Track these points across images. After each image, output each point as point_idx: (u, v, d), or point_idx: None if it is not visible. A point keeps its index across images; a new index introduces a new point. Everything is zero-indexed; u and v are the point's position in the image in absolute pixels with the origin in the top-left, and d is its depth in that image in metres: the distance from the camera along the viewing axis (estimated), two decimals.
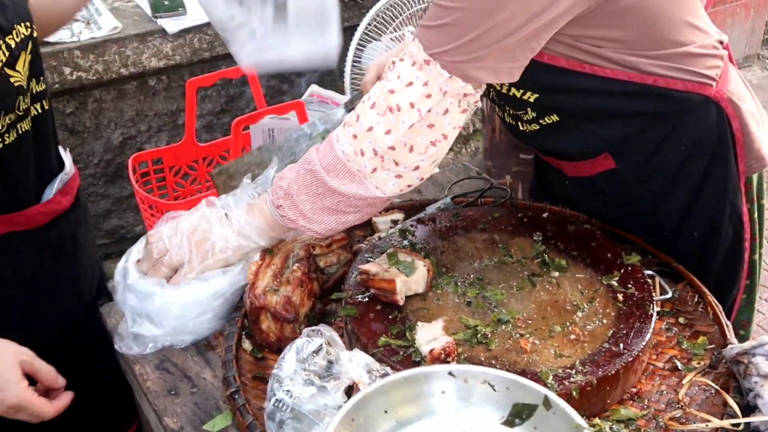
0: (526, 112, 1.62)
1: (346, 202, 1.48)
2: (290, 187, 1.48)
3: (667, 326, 1.57)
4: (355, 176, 1.45)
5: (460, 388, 1.07)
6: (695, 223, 1.71)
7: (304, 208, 1.49)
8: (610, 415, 1.37)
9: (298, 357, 1.33)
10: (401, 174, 1.47)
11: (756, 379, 1.36)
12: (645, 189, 1.68)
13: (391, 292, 1.49)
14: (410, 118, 1.40)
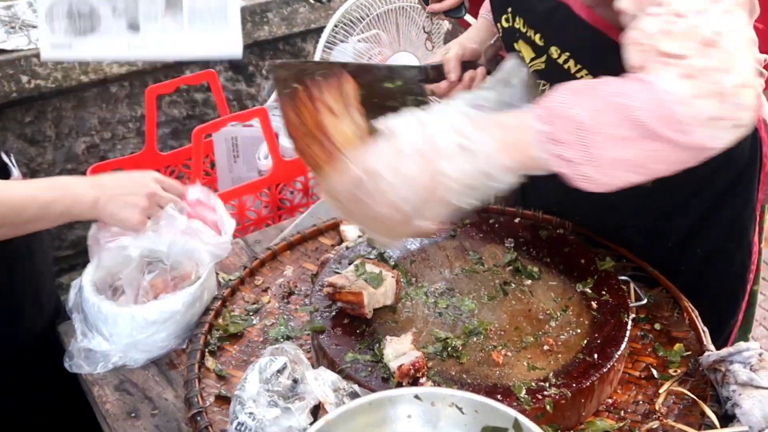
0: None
1: (659, 156, 1.15)
2: (585, 118, 1.13)
3: (643, 333, 1.53)
4: (683, 125, 1.12)
5: (426, 411, 1.03)
6: (703, 240, 1.67)
7: (595, 151, 1.13)
8: (585, 428, 1.33)
9: (262, 377, 1.27)
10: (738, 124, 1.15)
11: (734, 388, 1.33)
12: (662, 197, 1.60)
13: (359, 306, 1.44)
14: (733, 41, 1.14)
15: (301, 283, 1.70)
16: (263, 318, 1.60)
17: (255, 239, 1.90)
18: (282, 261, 1.76)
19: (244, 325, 1.58)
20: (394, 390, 1.06)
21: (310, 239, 1.82)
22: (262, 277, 1.71)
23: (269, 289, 1.68)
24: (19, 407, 1.72)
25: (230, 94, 3.20)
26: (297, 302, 1.64)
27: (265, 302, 1.65)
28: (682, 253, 1.69)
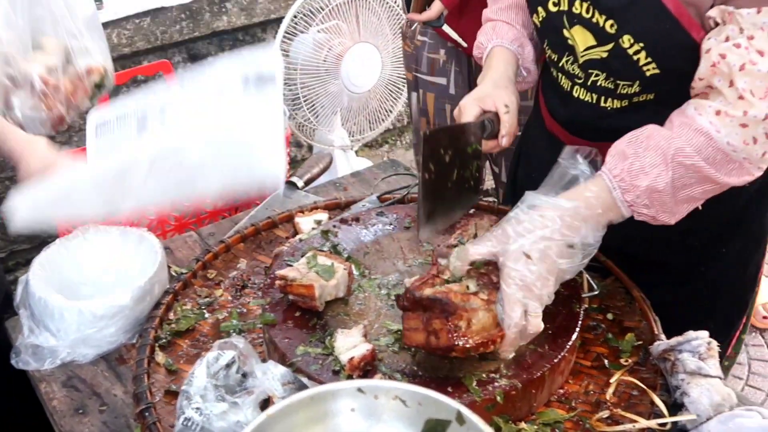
0: (632, 84, 1.50)
1: (716, 189, 1.39)
2: (662, 184, 1.35)
3: (595, 323, 1.53)
4: (736, 164, 1.35)
5: (370, 404, 1.02)
6: (728, 242, 1.68)
7: (670, 202, 1.37)
8: (536, 419, 1.33)
9: (209, 371, 1.26)
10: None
11: (683, 377, 1.33)
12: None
13: (310, 298, 1.43)
14: None
15: (254, 276, 1.68)
16: (216, 312, 1.58)
17: (209, 232, 1.88)
18: (235, 254, 1.75)
19: (195, 319, 1.56)
20: (337, 383, 1.05)
21: (265, 231, 1.81)
22: (215, 271, 1.69)
23: (222, 282, 1.67)
24: None
25: None
26: (250, 295, 1.63)
27: (218, 296, 1.63)
28: (706, 253, 1.69)
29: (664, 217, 1.39)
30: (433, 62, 2.43)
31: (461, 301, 1.30)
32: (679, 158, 1.34)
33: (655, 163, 1.35)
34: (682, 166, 1.34)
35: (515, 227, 1.35)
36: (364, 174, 2.08)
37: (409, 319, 1.32)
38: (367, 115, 3.22)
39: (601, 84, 1.53)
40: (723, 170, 1.35)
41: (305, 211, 1.83)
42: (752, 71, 1.30)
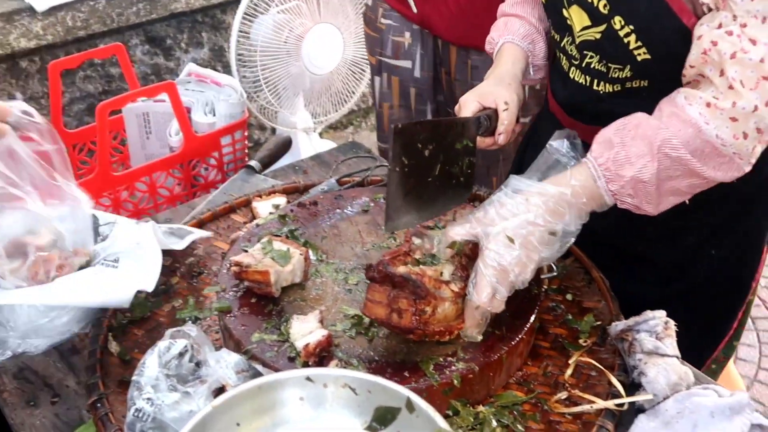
0: (623, 68, 1.48)
1: (703, 184, 1.37)
2: (647, 175, 1.33)
3: (554, 304, 1.53)
4: (726, 158, 1.33)
5: (319, 393, 1.00)
6: (721, 243, 1.66)
7: (654, 193, 1.35)
8: (494, 401, 1.33)
9: (161, 361, 1.23)
10: (767, 140, 1.35)
11: (640, 356, 1.33)
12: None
13: (266, 284, 1.41)
14: None
15: (211, 263, 1.65)
16: (171, 299, 1.56)
17: (166, 218, 1.85)
18: (192, 240, 1.71)
19: (151, 307, 1.53)
20: (284, 372, 1.03)
21: (222, 217, 1.78)
22: (171, 257, 1.66)
23: (178, 269, 1.64)
24: None
25: (148, 69, 3.11)
26: (206, 282, 1.60)
27: (174, 283, 1.60)
28: (697, 254, 1.68)
29: (648, 208, 1.38)
30: (398, 45, 2.40)
31: (433, 287, 1.29)
32: (666, 149, 1.32)
33: (641, 153, 1.33)
34: (668, 158, 1.32)
35: (498, 210, 1.34)
36: (324, 157, 2.05)
37: (375, 291, 1.31)
38: (330, 97, 3.19)
39: (594, 66, 1.52)
40: (710, 164, 1.33)
41: (263, 196, 1.80)
42: (743, 60, 1.27)
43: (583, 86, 1.56)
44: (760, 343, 3.24)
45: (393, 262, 1.31)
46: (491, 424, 1.28)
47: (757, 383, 3.07)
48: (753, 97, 1.28)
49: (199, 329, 1.30)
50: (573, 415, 1.30)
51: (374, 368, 1.28)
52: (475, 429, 1.27)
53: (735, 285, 1.74)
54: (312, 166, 2.01)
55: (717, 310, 1.75)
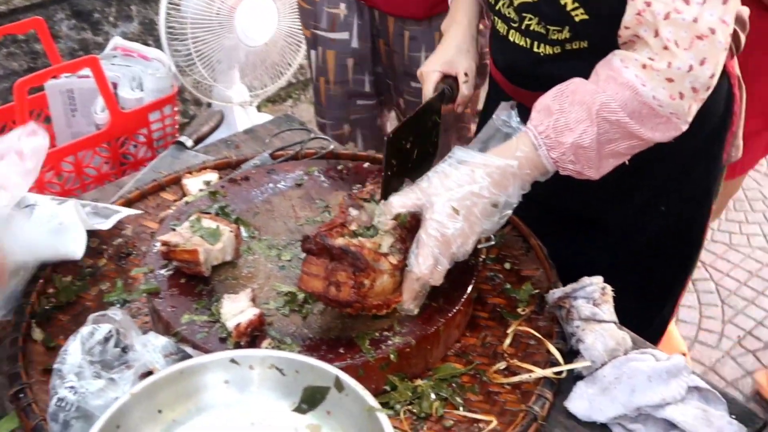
0: (561, 30, 1.45)
1: (642, 145, 1.36)
2: (587, 141, 1.32)
3: (493, 274, 1.51)
4: (663, 118, 1.32)
5: (245, 375, 0.96)
6: (669, 200, 1.65)
7: (595, 157, 1.34)
8: (433, 374, 1.30)
9: (84, 347, 1.18)
10: (704, 99, 1.35)
11: (578, 323, 1.32)
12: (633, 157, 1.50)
13: (195, 264, 1.36)
14: (724, 33, 1.29)
15: (140, 243, 1.60)
16: (99, 282, 1.50)
17: (93, 198, 1.78)
18: (120, 220, 1.65)
19: (77, 291, 1.47)
20: (208, 355, 0.99)
21: (151, 195, 1.72)
22: (98, 239, 1.60)
23: (106, 250, 1.58)
24: None
25: (76, 44, 3.00)
26: (136, 263, 1.54)
27: (101, 265, 1.54)
28: (645, 212, 1.67)
29: (590, 173, 1.36)
30: (333, 17, 2.34)
31: (373, 259, 1.26)
32: (604, 113, 1.31)
33: (580, 118, 1.32)
34: (607, 122, 1.31)
35: (443, 181, 1.32)
36: (257, 130, 2.00)
37: (312, 263, 1.27)
38: (267, 69, 3.11)
39: (533, 28, 1.49)
40: (648, 125, 1.32)
41: (193, 172, 1.74)
42: (677, 20, 1.27)
43: (523, 48, 1.53)
44: (701, 304, 3.29)
45: (330, 234, 1.28)
46: (430, 397, 1.26)
47: (697, 344, 3.11)
48: (687, 57, 1.27)
49: (125, 313, 1.25)
50: (512, 385, 1.29)
51: (309, 346, 1.25)
52: (413, 403, 1.25)
53: (687, 239, 1.74)
54: (245, 141, 1.95)
55: (672, 265, 1.76)
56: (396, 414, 1.23)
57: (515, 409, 1.25)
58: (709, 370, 2.98)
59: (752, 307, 3.26)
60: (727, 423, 1.20)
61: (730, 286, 3.37)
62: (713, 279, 3.41)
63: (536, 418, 1.22)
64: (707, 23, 1.27)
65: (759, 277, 3.41)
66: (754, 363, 3.01)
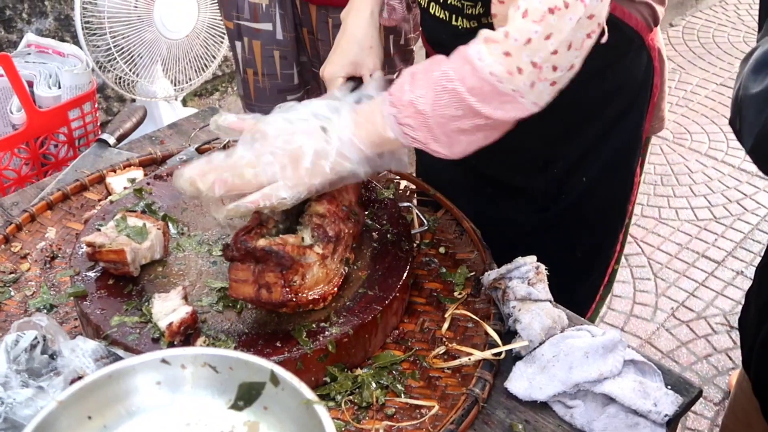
0: (474, 5, 1.43)
1: (491, 125, 1.26)
2: (423, 104, 1.23)
3: (428, 259, 1.50)
4: (508, 96, 1.23)
5: (177, 375, 0.93)
6: (588, 168, 1.65)
7: (436, 128, 1.25)
8: (373, 363, 1.29)
9: (9, 356, 1.13)
10: (556, 80, 1.26)
11: (514, 304, 1.33)
12: (552, 124, 1.47)
13: (122, 263, 1.32)
14: (576, 11, 1.21)
15: (66, 245, 1.54)
16: (23, 288, 1.44)
17: (12, 201, 1.71)
18: (43, 223, 1.60)
19: (0, 299, 1.42)
20: (136, 357, 0.96)
21: (74, 196, 1.66)
22: (20, 243, 1.54)
23: (29, 255, 1.52)
24: None
25: None
26: (61, 266, 1.49)
27: (24, 270, 1.49)
28: (566, 181, 1.67)
29: (437, 147, 1.27)
30: (255, 7, 2.29)
31: (297, 254, 1.24)
32: (443, 82, 1.23)
33: (422, 84, 1.25)
34: (446, 91, 1.23)
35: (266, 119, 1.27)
36: (182, 125, 1.95)
37: (238, 270, 1.24)
38: (190, 62, 3.04)
39: (451, 2, 1.48)
40: (492, 103, 1.24)
41: (117, 170, 1.69)
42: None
43: (443, 21, 1.52)
44: (634, 278, 3.36)
45: (250, 237, 1.24)
46: (371, 386, 1.25)
47: (633, 317, 3.18)
48: (529, 28, 1.21)
49: (50, 318, 1.20)
50: (452, 369, 1.29)
51: (244, 342, 1.22)
52: (354, 393, 1.24)
53: (611, 210, 1.76)
54: (169, 136, 1.91)
55: (596, 235, 1.78)
56: (337, 405, 1.22)
57: (456, 393, 1.25)
58: (645, 343, 3.04)
59: (683, 279, 3.34)
60: (664, 394, 1.22)
61: (662, 259, 3.45)
62: (645, 253, 3.49)
63: (477, 401, 1.22)
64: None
65: (689, 249, 3.50)
66: (688, 333, 3.08)
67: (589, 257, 1.80)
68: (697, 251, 3.49)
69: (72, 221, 1.60)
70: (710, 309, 3.20)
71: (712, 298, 3.25)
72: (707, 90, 4.65)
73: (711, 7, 5.62)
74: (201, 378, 0.93)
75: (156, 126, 2.47)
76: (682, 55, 5.03)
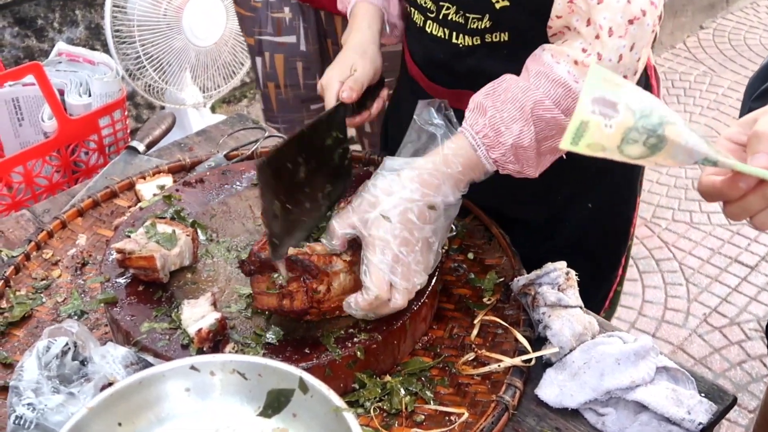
0: (481, 18, 1.41)
1: None
2: (526, 140, 1.28)
3: (456, 264, 1.49)
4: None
5: (206, 382, 0.93)
6: (594, 195, 1.65)
7: (533, 159, 1.31)
8: (401, 369, 1.29)
9: (41, 362, 1.14)
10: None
11: (544, 310, 1.31)
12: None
13: (152, 270, 1.32)
14: (653, 15, 1.26)
15: (96, 252, 1.55)
16: (54, 294, 1.46)
17: (44, 209, 1.73)
18: (73, 229, 1.61)
19: (31, 305, 1.43)
20: (166, 363, 0.96)
21: (104, 202, 1.67)
22: (52, 250, 1.56)
23: (60, 261, 1.53)
24: None
25: (21, 52, 2.93)
26: (91, 273, 1.50)
27: (56, 277, 1.50)
28: (570, 207, 1.66)
29: (529, 171, 1.33)
30: (278, 22, 2.30)
31: (324, 263, 1.23)
32: (539, 112, 1.27)
33: (514, 117, 1.28)
34: (543, 120, 1.28)
35: (372, 193, 1.26)
36: (211, 131, 1.96)
37: (258, 282, 1.24)
38: (219, 69, 3.07)
39: (452, 18, 1.45)
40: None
41: (147, 177, 1.70)
42: (611, 4, 1.24)
43: (441, 40, 1.49)
44: (666, 284, 3.32)
45: (262, 248, 1.24)
46: (399, 393, 1.24)
47: (664, 323, 3.14)
48: (618, 45, 1.25)
49: (81, 324, 1.21)
50: (481, 376, 1.28)
51: (273, 348, 1.22)
52: (383, 400, 1.23)
53: (613, 233, 1.74)
54: (198, 143, 1.92)
55: (599, 262, 1.76)
56: (366, 412, 1.21)
57: (486, 400, 1.24)
58: (677, 349, 3.01)
59: (716, 285, 3.30)
60: (698, 402, 1.20)
61: (694, 264, 3.41)
62: (677, 258, 3.45)
63: (507, 408, 1.21)
64: (639, 5, 1.25)
65: (721, 254, 3.45)
66: (721, 339, 3.04)
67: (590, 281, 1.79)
68: (730, 256, 3.44)
69: (102, 228, 1.62)
70: (744, 315, 3.15)
71: (745, 304, 3.20)
72: (738, 93, 4.59)
73: (742, 9, 5.55)
74: (230, 385, 0.93)
75: (185, 133, 2.49)
76: (712, 58, 4.97)
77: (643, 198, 3.67)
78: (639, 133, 0.80)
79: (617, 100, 0.79)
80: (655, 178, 3.89)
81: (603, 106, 0.78)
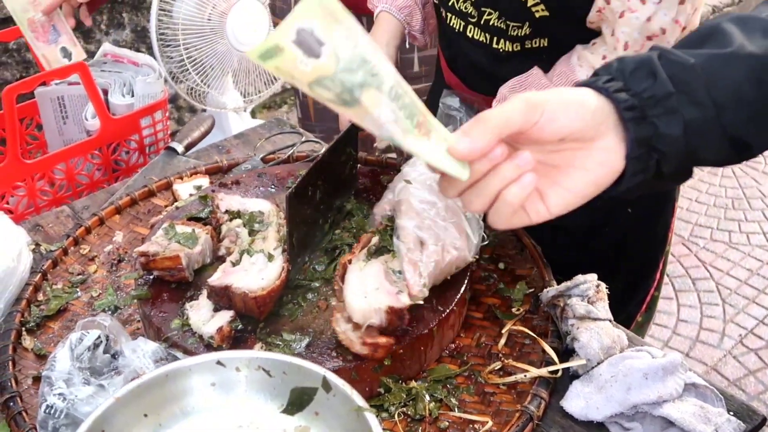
0: (522, 26, 1.43)
1: None
2: None
3: (487, 274, 1.49)
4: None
5: (231, 378, 0.95)
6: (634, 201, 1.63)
7: None
8: (427, 376, 1.29)
9: (73, 354, 1.17)
10: None
11: (572, 322, 1.31)
12: None
13: (178, 269, 1.34)
14: (675, 34, 1.28)
15: (132, 249, 1.58)
16: (89, 289, 1.49)
17: (83, 205, 1.77)
18: (111, 226, 1.64)
19: (67, 299, 1.46)
20: (193, 358, 0.98)
21: (142, 201, 1.70)
22: (89, 246, 1.59)
23: (97, 257, 1.56)
24: None
25: None
26: (127, 269, 1.53)
27: (92, 272, 1.53)
28: (611, 212, 1.66)
29: None
30: None
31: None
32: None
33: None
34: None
35: (406, 177, 1.32)
36: (249, 135, 1.99)
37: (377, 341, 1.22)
38: (260, 75, 3.10)
39: (493, 23, 1.47)
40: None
41: (184, 177, 1.73)
42: (630, 19, 1.25)
43: (482, 44, 1.51)
44: (701, 303, 3.28)
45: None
46: (424, 399, 1.24)
47: (699, 343, 3.10)
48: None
49: (114, 318, 1.24)
50: (507, 385, 1.28)
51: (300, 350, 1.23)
52: (408, 405, 1.24)
53: (652, 239, 1.73)
54: (236, 145, 1.94)
55: (637, 266, 1.75)
56: (390, 416, 1.21)
57: (511, 410, 1.23)
58: (711, 370, 2.97)
59: (753, 306, 3.25)
60: (726, 420, 1.18)
61: (731, 284, 3.36)
62: (714, 278, 3.40)
63: (532, 418, 1.21)
64: (660, 23, 1.26)
65: (759, 276, 3.40)
66: (756, 362, 2.99)
67: (627, 289, 1.77)
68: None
69: (139, 226, 1.64)
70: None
71: None
72: None
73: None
74: (255, 381, 0.94)
75: (224, 135, 2.52)
76: None
77: (681, 216, 3.64)
78: (334, 83, 0.72)
79: (326, 41, 0.70)
80: (694, 197, 3.85)
81: (308, 41, 0.69)
